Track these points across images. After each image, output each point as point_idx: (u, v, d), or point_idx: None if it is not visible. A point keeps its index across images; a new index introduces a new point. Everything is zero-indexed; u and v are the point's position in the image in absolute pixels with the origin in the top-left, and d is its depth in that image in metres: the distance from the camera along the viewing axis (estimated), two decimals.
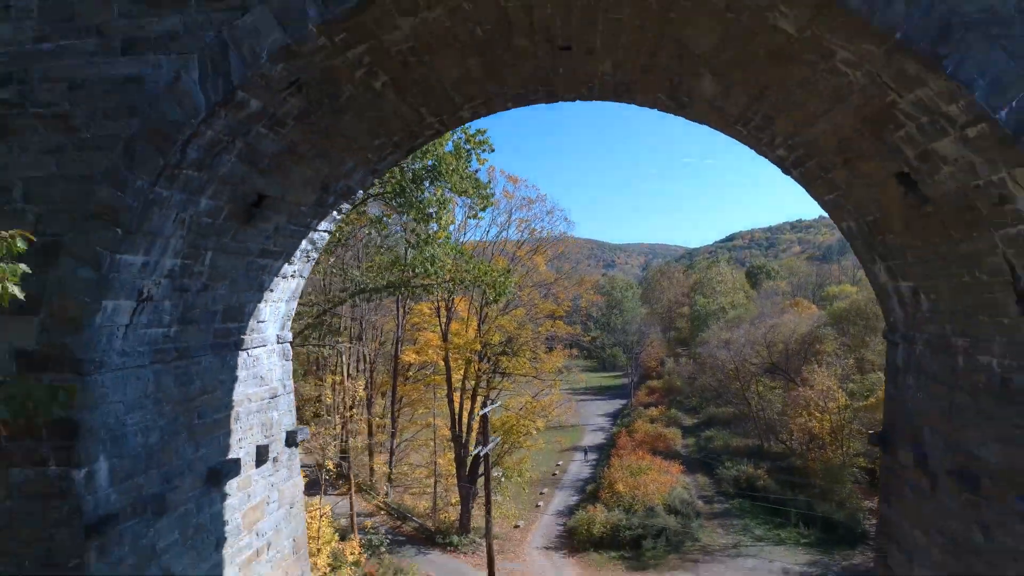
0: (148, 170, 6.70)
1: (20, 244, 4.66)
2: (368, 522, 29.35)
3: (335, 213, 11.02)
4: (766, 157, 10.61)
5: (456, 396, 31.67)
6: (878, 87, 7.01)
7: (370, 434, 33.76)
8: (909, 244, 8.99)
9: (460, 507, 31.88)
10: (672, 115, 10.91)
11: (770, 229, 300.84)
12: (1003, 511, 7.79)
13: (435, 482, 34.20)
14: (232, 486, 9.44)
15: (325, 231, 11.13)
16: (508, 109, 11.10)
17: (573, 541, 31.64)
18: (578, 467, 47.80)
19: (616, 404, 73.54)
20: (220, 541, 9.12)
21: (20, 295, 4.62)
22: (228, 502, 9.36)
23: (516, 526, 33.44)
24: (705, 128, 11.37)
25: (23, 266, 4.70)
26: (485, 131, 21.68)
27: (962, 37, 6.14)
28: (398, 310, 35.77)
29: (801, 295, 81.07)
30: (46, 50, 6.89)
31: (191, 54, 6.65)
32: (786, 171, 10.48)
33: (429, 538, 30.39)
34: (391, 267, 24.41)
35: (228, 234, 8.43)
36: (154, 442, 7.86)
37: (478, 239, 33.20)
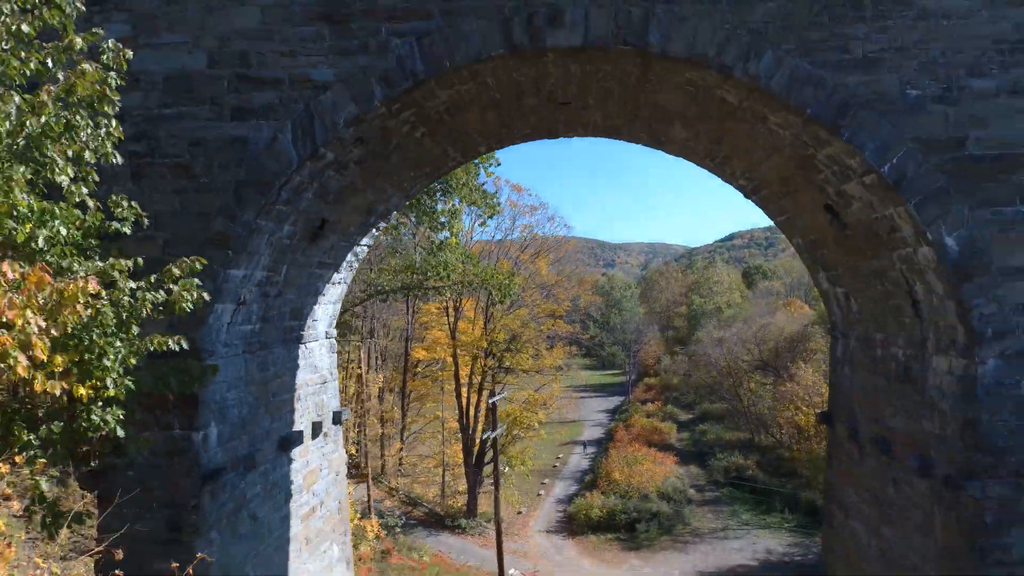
0: (252, 207, 8.93)
1: (198, 266, 6.89)
2: (383, 506, 31.60)
3: (374, 230, 13.26)
4: (731, 185, 12.83)
5: (463, 391, 33.92)
6: (801, 143, 9.26)
7: (382, 426, 35.99)
8: (840, 259, 11.24)
9: (467, 493, 34.17)
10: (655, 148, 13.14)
11: (769, 229, 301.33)
12: (905, 469, 10.06)
13: (443, 471, 36.50)
14: (296, 453, 11.68)
15: (366, 245, 13.37)
16: (516, 144, 13.35)
17: (572, 525, 33.93)
18: (577, 460, 49.98)
19: (615, 401, 75.75)
20: (288, 496, 11.36)
21: (198, 300, 6.84)
22: (293, 466, 11.61)
23: (519, 512, 35.69)
24: None
25: (197, 280, 6.92)
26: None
27: (855, 113, 8.38)
28: (408, 310, 37.97)
29: (795, 295, 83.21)
30: (170, 115, 9.10)
31: (285, 121, 8.88)
32: (747, 196, 12.70)
33: (439, 522, 32.64)
34: (405, 270, 26.59)
35: (299, 251, 10.67)
36: (245, 414, 10.10)
37: (487, 239, 35.41)
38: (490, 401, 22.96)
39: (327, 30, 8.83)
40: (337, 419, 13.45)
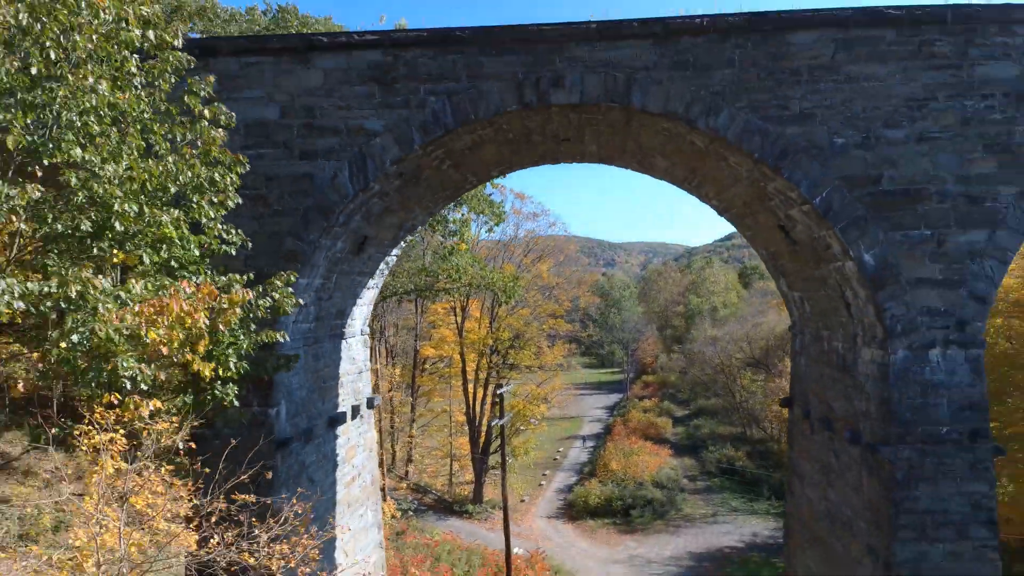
0: (316, 229, 11.19)
1: (292, 279, 9.14)
2: (395, 493, 33.84)
3: (402, 243, 15.53)
4: (707, 205, 15.08)
5: (470, 386, 36.19)
6: (755, 177, 11.53)
7: (392, 419, 38.24)
8: (793, 268, 13.51)
9: (474, 481, 36.47)
10: (643, 170, 15.38)
11: None
12: (842, 441, 12.32)
13: (451, 461, 38.76)
14: (340, 430, 13.95)
15: (395, 255, 15.63)
16: (524, 168, 15.61)
17: (572, 511, 36.19)
18: (577, 453, 52.19)
19: (613, 398, 77.94)
20: (335, 466, 13.63)
21: (295, 304, 9.09)
22: (338, 441, 13.88)
23: (522, 500, 37.94)
24: None
25: (290, 289, 9.17)
26: None
27: (793, 156, 10.65)
28: (416, 310, 40.22)
29: None
30: (250, 155, 11.34)
31: (343, 161, 11.14)
32: (720, 214, 14.94)
33: (447, 508, 34.90)
34: (418, 273, 28.83)
35: (346, 262, 12.94)
36: (304, 396, 12.37)
37: (495, 240, 37.58)
38: (499, 391, 25.18)
39: (377, 89, 11.10)
40: (370, 404, 15.72)
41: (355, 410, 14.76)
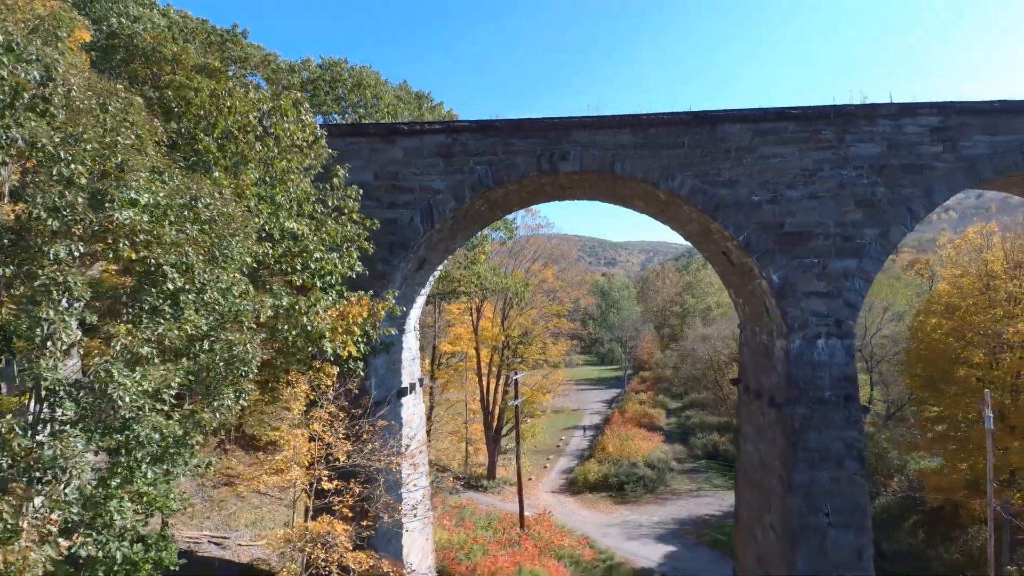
0: (397, 257, 16.21)
1: (395, 294, 14.17)
2: None
3: (446, 260, 20.57)
4: (678, 233, 20.06)
5: (483, 378, 41.21)
6: (702, 220, 16.56)
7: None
8: (736, 282, 18.53)
9: (488, 459, 41.49)
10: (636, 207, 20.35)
11: None
12: (765, 405, 17.32)
13: (466, 444, 43.73)
14: (403, 400, 18.97)
15: (440, 269, 20.66)
16: (536, 205, 20.63)
17: (573, 487, 41.19)
18: (578, 441, 57.15)
19: (612, 392, 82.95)
20: (400, 425, 18.66)
21: (400, 313, 14.14)
22: (402, 409, 18.90)
23: (529, 479, 42.89)
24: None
25: (392, 300, 14.20)
26: None
27: (724, 209, 15.67)
28: (435, 310, 45.22)
29: None
30: (354, 205, 16.34)
31: (417, 210, 16.17)
32: (686, 240, 19.94)
33: (465, 483, 39.87)
34: (443, 279, 33.77)
35: (411, 277, 17.98)
36: (383, 373, 17.41)
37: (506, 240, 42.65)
38: (514, 377, 30.21)
39: (440, 161, 16.14)
40: (420, 383, 20.74)
41: (412, 387, 19.78)
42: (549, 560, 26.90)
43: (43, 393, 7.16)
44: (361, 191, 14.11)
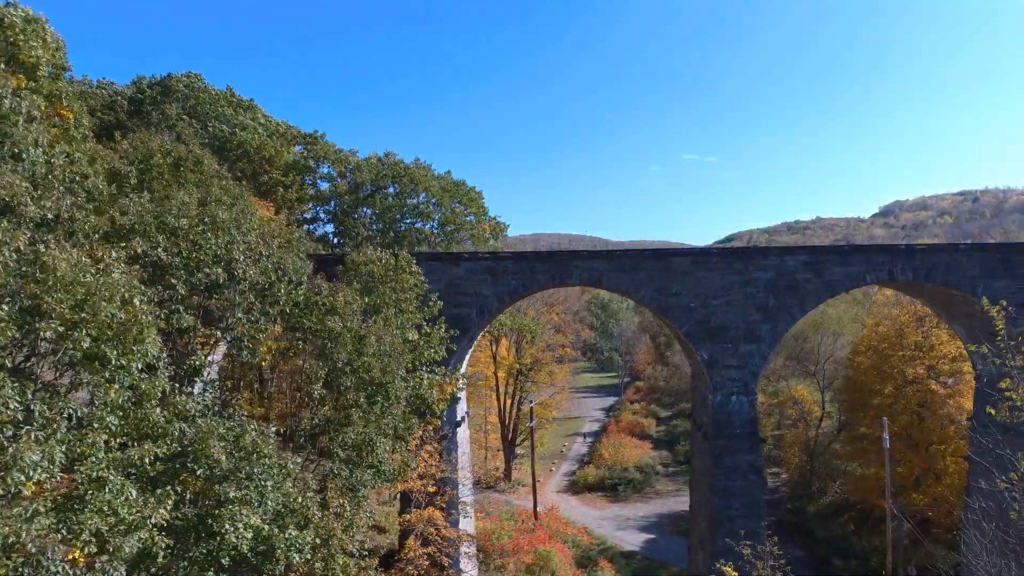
0: (463, 340, 24.90)
1: (461, 370, 22.86)
2: None
3: (489, 315, 29.28)
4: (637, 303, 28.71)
5: (501, 397, 50.01)
6: (659, 318, 25.26)
7: None
8: (686, 353, 27.17)
9: (504, 464, 50.21)
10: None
11: (767, 231, 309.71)
12: (701, 436, 26.01)
13: (485, 451, 52.38)
14: (458, 431, 27.64)
15: (484, 330, 29.36)
16: (548, 289, 29.34)
17: (575, 487, 49.93)
18: (579, 447, 65.88)
19: (610, 400, 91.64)
20: (456, 445, 27.33)
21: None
22: (458, 436, 27.55)
23: (538, 480, 51.57)
24: (705, 124, 30.96)
25: (460, 376, 22.86)
26: None
27: (672, 311, 24.41)
28: None
29: None
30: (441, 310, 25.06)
31: (473, 308, 24.87)
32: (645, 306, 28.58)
33: (485, 485, 48.63)
34: None
35: (466, 347, 26.66)
36: (449, 414, 26.11)
37: None
38: (529, 405, 38.91)
39: (488, 276, 24.82)
40: (467, 415, 29.46)
41: (462, 420, 28.51)
42: (557, 544, 35.54)
43: None
44: (438, 295, 22.80)
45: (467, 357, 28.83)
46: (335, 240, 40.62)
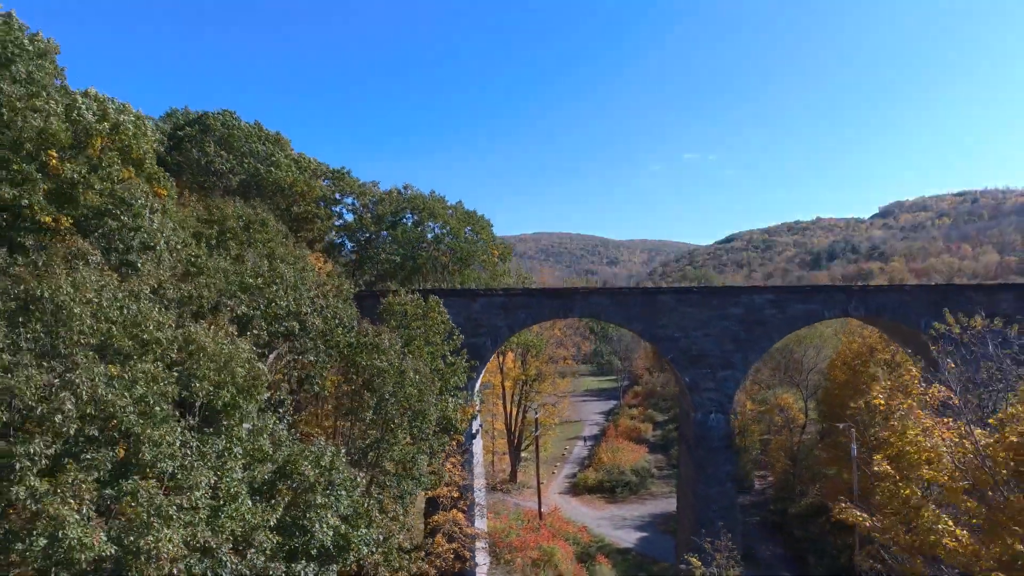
0: (476, 370, 28.89)
1: (478, 396, 26.86)
2: None
3: (501, 342, 33.31)
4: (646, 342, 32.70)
5: (508, 405, 54.03)
6: (652, 347, 29.27)
7: None
8: (674, 376, 31.18)
9: (510, 467, 54.24)
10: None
11: (767, 231, 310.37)
12: (687, 447, 30.02)
13: (493, 455, 56.37)
14: (474, 442, 31.63)
15: (497, 352, 33.38)
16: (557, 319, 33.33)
17: (575, 489, 53.94)
18: (580, 450, 69.90)
19: (610, 404, 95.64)
20: (473, 456, 31.33)
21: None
22: (473, 447, 31.55)
23: (542, 483, 55.61)
24: (705, 123, 36.21)
25: (478, 401, 26.86)
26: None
27: (660, 341, 28.43)
28: None
29: None
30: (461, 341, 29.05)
31: (488, 338, 28.86)
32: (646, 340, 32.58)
33: (492, 488, 52.61)
34: None
35: (480, 369, 30.66)
36: (468, 428, 30.13)
37: None
38: (534, 415, 42.96)
39: (502, 310, 28.83)
40: (480, 427, 33.47)
41: (477, 432, 32.52)
42: (559, 541, 39.54)
43: None
44: (459, 329, 26.79)
45: (480, 378, 32.82)
46: (356, 261, 44.63)
